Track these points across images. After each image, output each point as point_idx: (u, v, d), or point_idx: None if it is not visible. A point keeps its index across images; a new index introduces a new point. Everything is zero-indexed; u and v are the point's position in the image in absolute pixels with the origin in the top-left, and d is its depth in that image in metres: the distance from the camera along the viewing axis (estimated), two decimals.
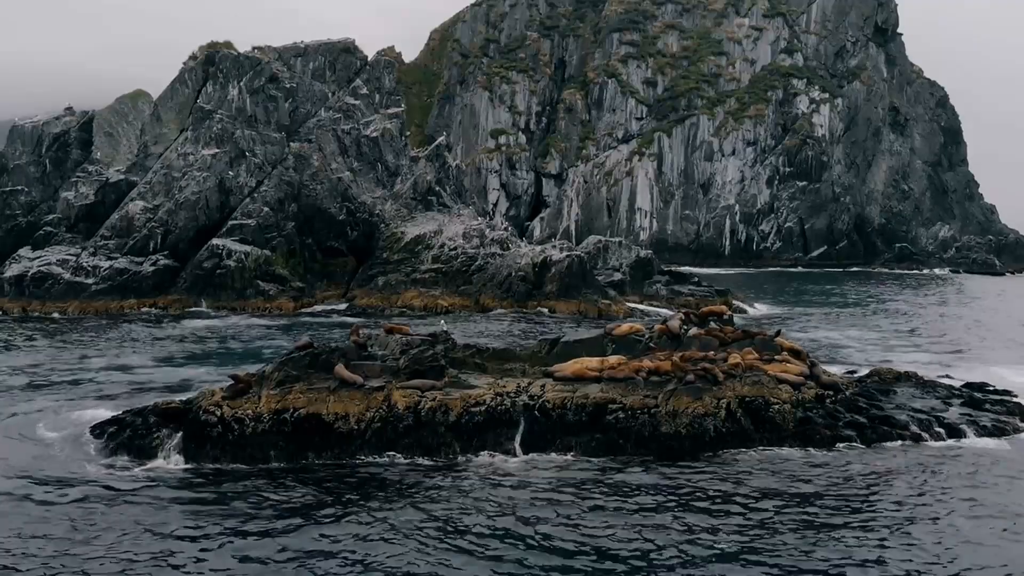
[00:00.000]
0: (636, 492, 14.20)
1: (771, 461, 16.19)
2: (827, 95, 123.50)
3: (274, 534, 12.05)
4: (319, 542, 11.79)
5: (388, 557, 11.35)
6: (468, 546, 11.75)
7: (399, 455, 16.18)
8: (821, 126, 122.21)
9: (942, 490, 14.35)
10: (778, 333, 21.57)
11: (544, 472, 15.47)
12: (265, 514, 12.89)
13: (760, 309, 49.36)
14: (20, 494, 13.67)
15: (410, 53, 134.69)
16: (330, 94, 55.04)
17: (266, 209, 48.06)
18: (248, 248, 46.37)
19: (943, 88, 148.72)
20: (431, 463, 15.96)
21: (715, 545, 11.80)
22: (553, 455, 16.53)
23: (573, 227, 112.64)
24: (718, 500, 13.84)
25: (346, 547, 11.70)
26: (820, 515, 13.10)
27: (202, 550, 11.46)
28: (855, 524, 12.66)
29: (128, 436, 16.65)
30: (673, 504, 13.55)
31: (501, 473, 15.34)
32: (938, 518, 13.01)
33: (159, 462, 15.79)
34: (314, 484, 14.56)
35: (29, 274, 43.89)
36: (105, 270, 44.60)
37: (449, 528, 12.40)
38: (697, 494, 14.20)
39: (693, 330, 20.97)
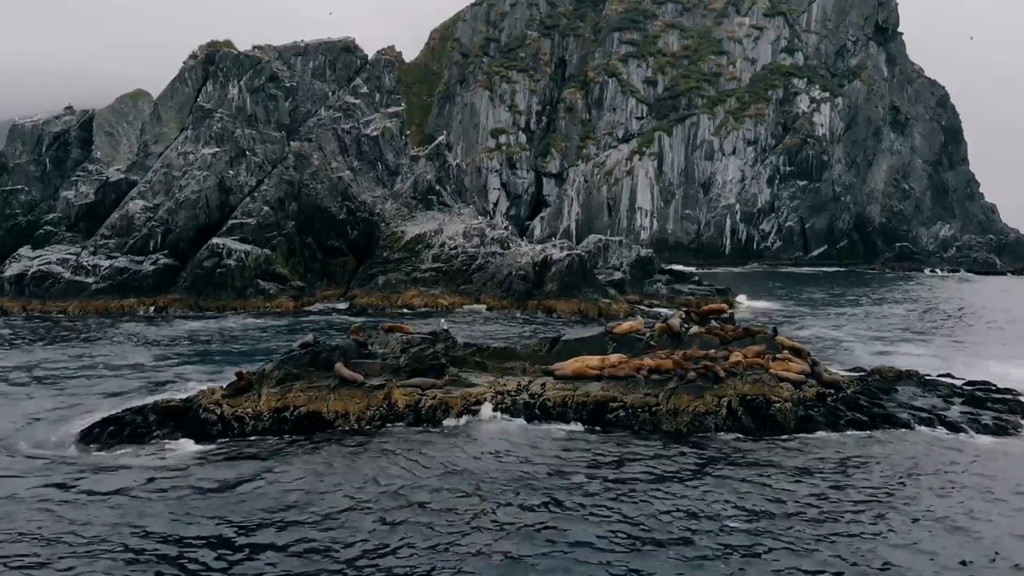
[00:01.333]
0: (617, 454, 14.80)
1: (769, 447, 16.40)
2: (827, 94, 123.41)
3: (273, 507, 12.15)
4: (318, 519, 11.88)
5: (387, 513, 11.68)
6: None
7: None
8: (821, 125, 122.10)
9: (940, 486, 14.30)
10: (775, 331, 21.54)
11: (543, 438, 16.33)
12: (263, 489, 13.12)
13: (760, 307, 49.33)
14: (20, 493, 13.64)
15: (410, 53, 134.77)
16: (330, 93, 54.98)
17: (266, 208, 48.03)
18: (248, 247, 46.34)
19: (943, 87, 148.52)
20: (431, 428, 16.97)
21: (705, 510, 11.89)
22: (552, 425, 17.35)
23: (573, 226, 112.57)
24: (710, 474, 14.17)
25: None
26: (808, 498, 13.19)
27: (200, 540, 11.45)
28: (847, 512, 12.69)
29: (128, 434, 16.61)
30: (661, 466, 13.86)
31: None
32: (929, 513, 12.98)
33: (159, 460, 15.74)
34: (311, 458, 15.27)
35: (29, 273, 43.85)
36: (105, 269, 44.57)
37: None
38: (690, 465, 14.78)
39: (694, 328, 20.96)
